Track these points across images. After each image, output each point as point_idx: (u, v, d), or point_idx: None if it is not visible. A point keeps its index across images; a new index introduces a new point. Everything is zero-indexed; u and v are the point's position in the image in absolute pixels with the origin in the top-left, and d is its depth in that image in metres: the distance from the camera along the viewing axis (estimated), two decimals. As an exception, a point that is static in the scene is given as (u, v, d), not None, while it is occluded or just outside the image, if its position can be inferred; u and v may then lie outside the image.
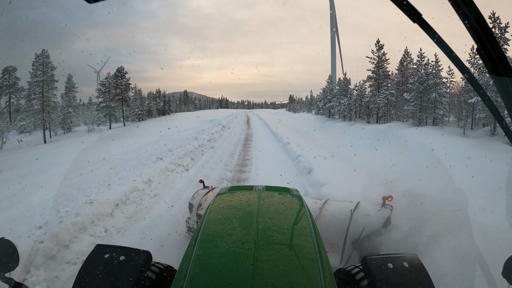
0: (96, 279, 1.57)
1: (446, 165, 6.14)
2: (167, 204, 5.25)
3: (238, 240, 1.52)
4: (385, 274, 1.53)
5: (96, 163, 7.97)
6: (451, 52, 0.75)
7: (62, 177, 6.45)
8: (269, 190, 2.32)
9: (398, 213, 3.15)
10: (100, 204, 4.68)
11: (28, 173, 8.34)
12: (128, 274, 1.58)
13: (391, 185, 3.83)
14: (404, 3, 0.72)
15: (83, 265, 1.66)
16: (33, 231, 3.70)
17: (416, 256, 1.66)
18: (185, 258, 1.40)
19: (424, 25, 0.74)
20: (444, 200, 3.61)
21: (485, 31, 0.70)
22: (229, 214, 1.90)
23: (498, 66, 0.72)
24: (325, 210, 3.28)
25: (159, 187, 6.30)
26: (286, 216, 1.84)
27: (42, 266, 3.22)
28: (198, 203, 3.76)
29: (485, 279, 2.14)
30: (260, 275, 1.22)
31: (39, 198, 5.02)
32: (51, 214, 4.26)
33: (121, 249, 1.74)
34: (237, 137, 16.37)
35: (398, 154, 8.20)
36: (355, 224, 2.93)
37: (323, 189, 5.33)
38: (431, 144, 8.59)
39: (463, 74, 0.77)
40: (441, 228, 3.05)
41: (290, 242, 1.54)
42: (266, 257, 1.35)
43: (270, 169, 7.83)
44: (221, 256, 1.40)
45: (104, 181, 6.03)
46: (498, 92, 0.76)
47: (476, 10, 0.69)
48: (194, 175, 7.21)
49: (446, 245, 2.85)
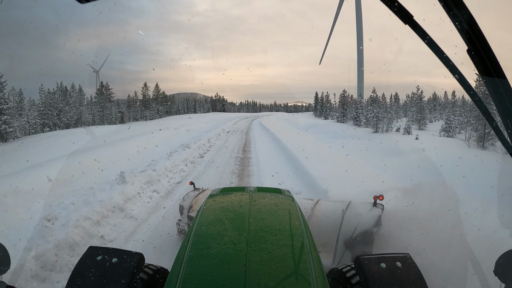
0: (88, 282, 1.55)
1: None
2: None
3: (230, 241, 1.51)
4: (378, 274, 1.54)
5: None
6: (442, 53, 0.76)
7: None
8: (261, 191, 2.32)
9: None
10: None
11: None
12: (120, 276, 1.56)
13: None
14: (396, 5, 0.72)
15: (75, 267, 1.64)
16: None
17: (409, 256, 1.67)
18: (177, 260, 1.39)
19: (415, 27, 0.74)
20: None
21: (475, 33, 0.71)
22: (221, 216, 1.89)
23: (488, 68, 0.73)
24: (317, 210, 3.29)
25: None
26: (278, 216, 1.84)
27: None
28: (189, 205, 3.73)
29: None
30: (252, 276, 1.21)
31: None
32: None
33: (113, 251, 1.73)
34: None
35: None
36: (347, 224, 2.94)
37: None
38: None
39: (454, 75, 0.77)
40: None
41: (282, 243, 1.54)
42: (258, 258, 1.35)
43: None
44: (213, 258, 1.39)
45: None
46: (489, 93, 0.77)
47: (467, 11, 0.70)
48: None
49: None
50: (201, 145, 12.13)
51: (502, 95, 0.74)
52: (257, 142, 14.52)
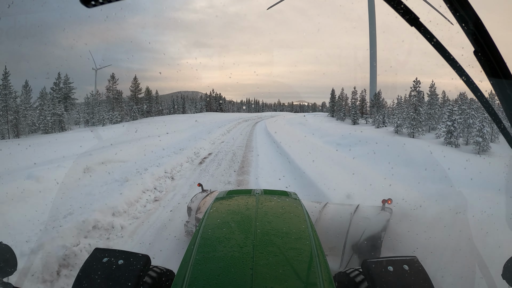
0: (95, 284, 1.55)
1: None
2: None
3: (236, 244, 1.51)
4: (385, 277, 1.52)
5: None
6: (449, 56, 0.75)
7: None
8: (268, 194, 2.31)
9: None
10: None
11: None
12: (126, 278, 1.56)
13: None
14: (402, 7, 0.72)
15: (81, 269, 1.65)
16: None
17: (416, 259, 1.65)
18: (184, 263, 1.39)
19: (421, 29, 0.74)
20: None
21: (482, 34, 0.70)
22: (228, 218, 1.89)
23: (496, 69, 0.72)
24: (325, 214, 3.26)
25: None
26: (284, 219, 1.83)
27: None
28: (197, 206, 3.73)
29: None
30: (259, 279, 1.21)
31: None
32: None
33: (119, 253, 1.73)
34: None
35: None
36: (354, 227, 2.91)
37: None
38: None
39: (461, 77, 0.77)
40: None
41: (289, 246, 1.53)
42: (265, 261, 1.34)
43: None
44: (219, 260, 1.39)
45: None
46: (496, 95, 0.76)
47: (473, 13, 0.69)
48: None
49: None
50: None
51: (510, 96, 0.73)
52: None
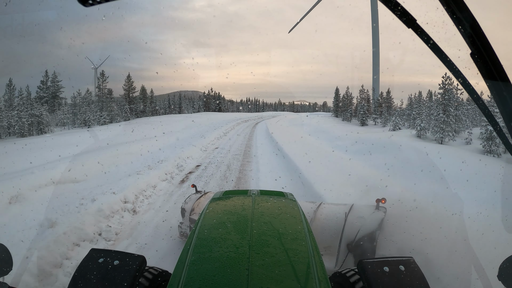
0: (90, 284, 1.55)
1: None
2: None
3: (232, 245, 1.51)
4: (381, 278, 1.52)
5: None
6: (446, 57, 0.76)
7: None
8: (264, 195, 2.31)
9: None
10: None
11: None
12: (122, 279, 1.56)
13: None
14: (399, 9, 0.72)
15: (77, 270, 1.64)
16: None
17: (412, 260, 1.66)
18: (180, 263, 1.39)
19: (418, 31, 0.74)
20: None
21: (479, 36, 0.71)
22: (224, 219, 1.88)
23: (492, 71, 0.73)
24: (320, 214, 3.27)
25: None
26: (280, 220, 1.83)
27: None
28: (191, 208, 3.72)
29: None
30: (255, 280, 1.21)
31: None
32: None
33: (115, 253, 1.72)
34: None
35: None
36: (349, 227, 2.92)
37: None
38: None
39: (457, 79, 0.77)
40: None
41: (284, 246, 1.53)
42: (261, 261, 1.34)
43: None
44: (215, 261, 1.39)
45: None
46: (492, 97, 0.76)
47: (470, 15, 0.70)
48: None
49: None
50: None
51: (506, 98, 0.73)
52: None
